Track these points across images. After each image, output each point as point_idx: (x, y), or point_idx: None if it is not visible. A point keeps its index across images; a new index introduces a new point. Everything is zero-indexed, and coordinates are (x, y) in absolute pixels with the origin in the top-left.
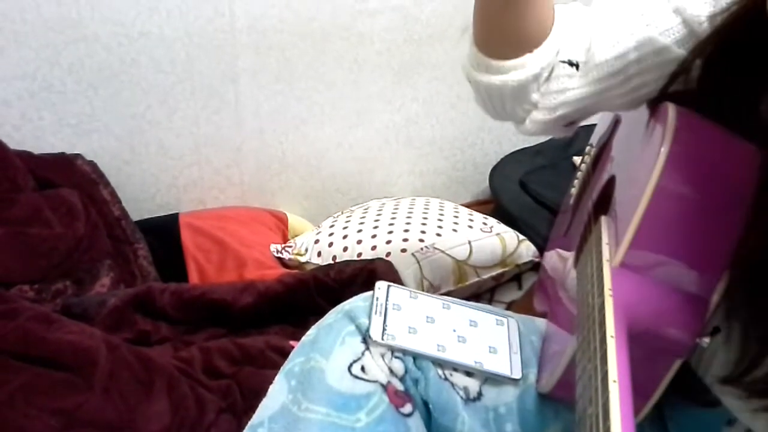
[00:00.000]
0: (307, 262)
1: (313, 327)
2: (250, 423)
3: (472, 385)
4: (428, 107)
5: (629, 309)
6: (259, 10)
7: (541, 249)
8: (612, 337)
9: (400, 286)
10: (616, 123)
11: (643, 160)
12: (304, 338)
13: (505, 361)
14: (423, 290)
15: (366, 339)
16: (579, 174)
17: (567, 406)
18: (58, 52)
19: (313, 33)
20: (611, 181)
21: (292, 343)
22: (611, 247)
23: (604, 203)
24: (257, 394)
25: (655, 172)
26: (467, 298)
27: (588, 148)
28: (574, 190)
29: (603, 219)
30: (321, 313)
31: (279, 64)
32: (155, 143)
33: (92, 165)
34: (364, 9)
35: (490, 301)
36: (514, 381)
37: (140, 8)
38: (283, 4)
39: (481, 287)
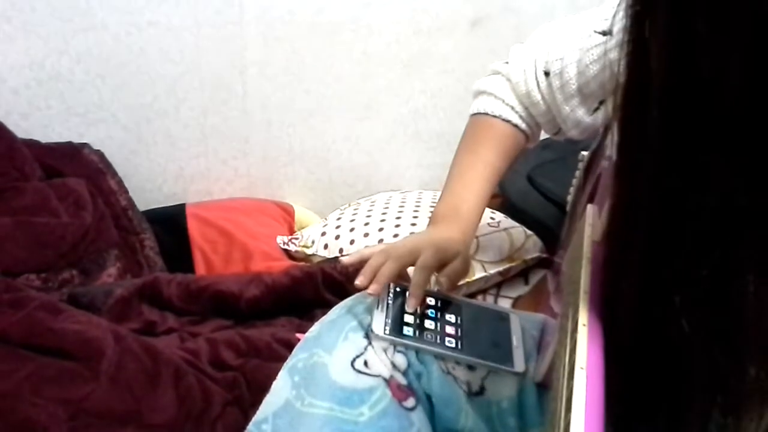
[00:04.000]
0: (313, 255)
1: (316, 323)
2: (254, 419)
3: (474, 379)
4: (436, 100)
5: None
6: (268, 1)
7: (549, 244)
8: (584, 325)
9: (401, 282)
10: (606, 128)
11: None
12: (307, 334)
13: (507, 356)
14: (429, 285)
15: (368, 334)
16: (574, 181)
17: None
18: (66, 41)
19: (322, 25)
20: (599, 176)
21: (298, 335)
22: (594, 227)
23: (593, 198)
24: (263, 386)
25: None
26: (474, 293)
27: (581, 155)
28: (570, 198)
29: (588, 206)
30: (327, 306)
31: (287, 56)
32: (162, 133)
33: (99, 154)
34: (373, 1)
35: (496, 296)
36: (517, 375)
37: None
38: None
39: (487, 282)
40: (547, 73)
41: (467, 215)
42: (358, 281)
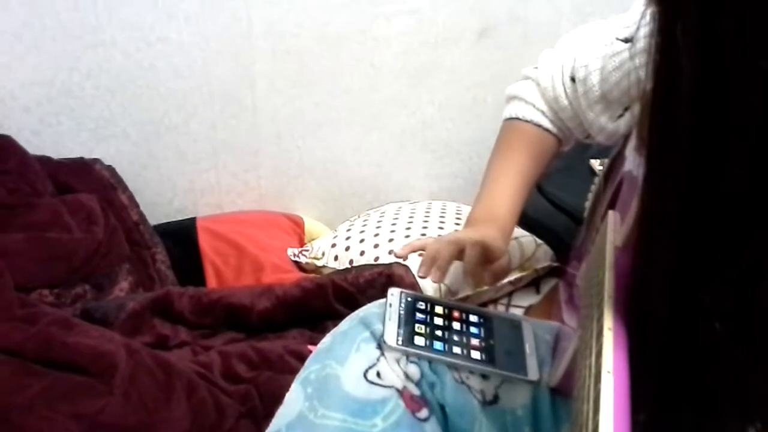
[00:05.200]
0: (323, 266)
1: (328, 335)
2: (267, 431)
3: (488, 388)
4: (444, 110)
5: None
6: (276, 15)
7: (559, 253)
8: (609, 329)
9: (413, 292)
10: (627, 135)
11: None
12: (319, 346)
13: (521, 363)
14: (441, 295)
15: (381, 345)
16: (593, 187)
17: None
18: (76, 57)
19: (330, 37)
20: (621, 182)
21: (310, 347)
22: (616, 233)
23: (614, 205)
24: (276, 399)
25: None
26: (485, 303)
27: (591, 162)
28: (588, 204)
29: (610, 212)
30: (339, 318)
31: (296, 69)
32: (173, 148)
33: (110, 170)
34: (380, 13)
35: (507, 306)
36: (531, 383)
37: (158, 13)
38: (300, 9)
39: (498, 292)
40: (573, 79)
41: (503, 218)
42: (422, 272)
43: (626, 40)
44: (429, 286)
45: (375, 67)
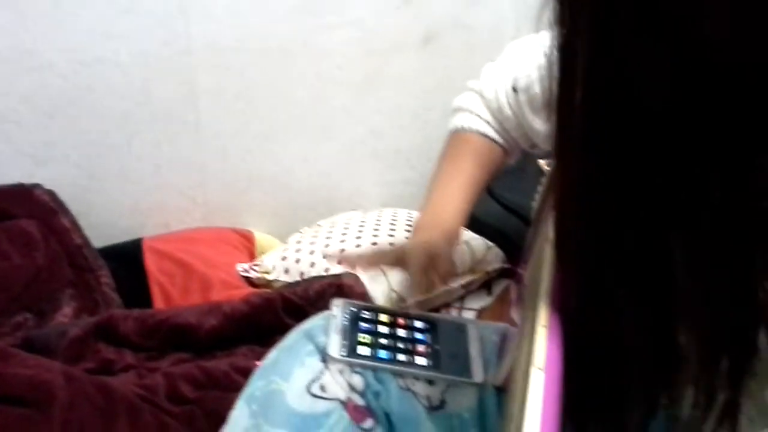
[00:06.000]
0: (274, 280)
1: (273, 349)
2: None
3: (435, 393)
4: (393, 119)
5: None
6: (215, 30)
7: (510, 254)
8: (543, 326)
9: (357, 302)
10: None
11: None
12: (264, 361)
13: (465, 367)
14: (391, 302)
15: (325, 357)
16: (540, 188)
17: None
18: (11, 82)
19: (272, 50)
20: None
21: (258, 363)
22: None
23: None
24: (222, 418)
25: None
26: (437, 308)
27: (539, 162)
28: (534, 204)
29: (550, 210)
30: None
31: (239, 83)
32: (115, 168)
33: (51, 194)
34: (322, 23)
35: (460, 309)
36: (476, 385)
37: (94, 34)
38: (240, 24)
39: (450, 295)
40: (515, 90)
41: (449, 223)
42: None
43: None
44: (380, 295)
45: (320, 79)
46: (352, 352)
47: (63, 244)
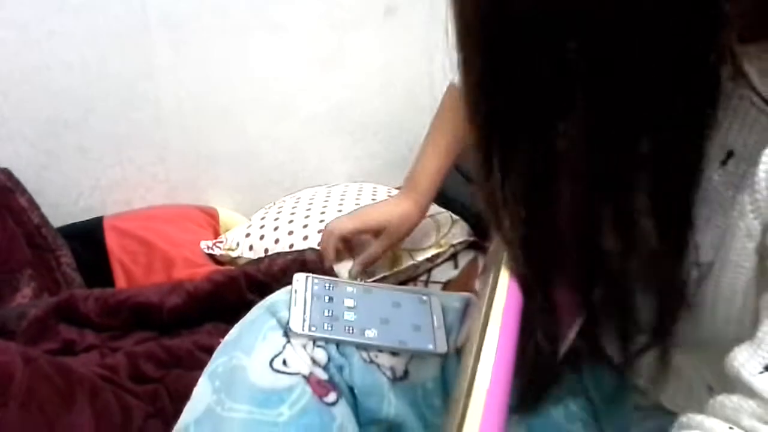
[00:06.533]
0: (238, 257)
1: (236, 325)
2: (176, 427)
3: (398, 364)
4: (358, 93)
5: None
6: (171, 6)
7: (476, 227)
8: (504, 285)
9: (320, 276)
10: None
11: None
12: (227, 337)
13: (428, 338)
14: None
15: (287, 332)
16: None
17: None
18: None
19: (231, 25)
20: None
21: (221, 340)
22: None
23: None
24: (186, 396)
25: None
26: (404, 282)
27: None
28: None
29: None
30: None
31: (198, 59)
32: (73, 146)
33: (7, 173)
34: None
35: (426, 282)
36: (440, 356)
37: (46, 9)
38: None
39: (417, 270)
40: None
41: (423, 185)
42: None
43: None
44: (344, 270)
45: (282, 54)
46: (314, 325)
47: (20, 224)
